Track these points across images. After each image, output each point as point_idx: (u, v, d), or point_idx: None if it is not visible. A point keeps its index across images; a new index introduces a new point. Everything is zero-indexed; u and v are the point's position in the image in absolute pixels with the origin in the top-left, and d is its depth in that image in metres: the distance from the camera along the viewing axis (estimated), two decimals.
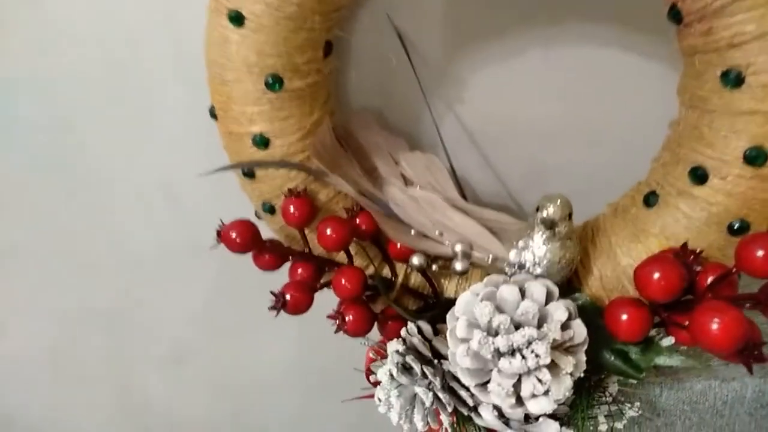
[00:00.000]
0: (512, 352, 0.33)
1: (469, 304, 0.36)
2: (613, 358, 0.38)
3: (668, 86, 0.44)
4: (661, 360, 0.37)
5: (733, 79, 0.33)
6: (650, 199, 0.39)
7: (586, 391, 0.40)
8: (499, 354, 0.33)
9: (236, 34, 0.39)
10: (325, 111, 0.44)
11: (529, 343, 0.32)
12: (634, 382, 0.40)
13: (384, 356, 0.42)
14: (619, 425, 0.40)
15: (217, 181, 0.42)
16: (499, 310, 0.34)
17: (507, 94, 0.50)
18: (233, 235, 0.41)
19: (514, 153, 0.53)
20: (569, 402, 0.37)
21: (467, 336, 0.34)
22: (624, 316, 0.36)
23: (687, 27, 0.34)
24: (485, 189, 0.55)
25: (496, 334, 0.33)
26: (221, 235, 0.41)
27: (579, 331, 0.34)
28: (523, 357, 0.32)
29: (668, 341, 0.37)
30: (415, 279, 0.45)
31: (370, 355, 0.44)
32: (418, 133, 0.52)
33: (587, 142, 0.51)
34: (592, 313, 0.39)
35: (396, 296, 0.44)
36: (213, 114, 0.44)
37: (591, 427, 0.40)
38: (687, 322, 0.35)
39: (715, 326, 0.31)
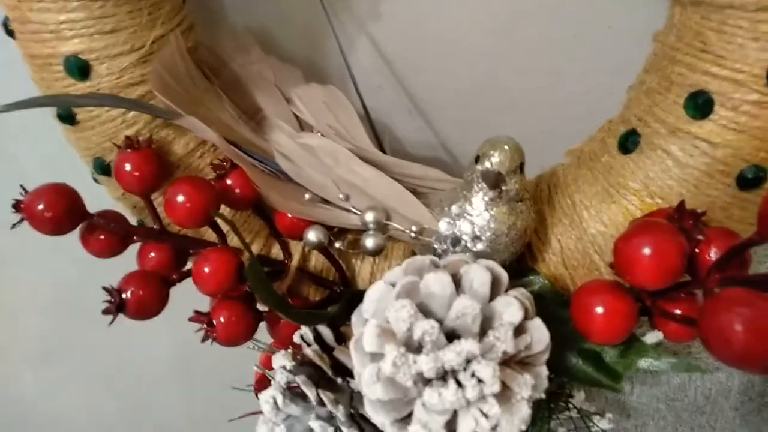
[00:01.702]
0: (443, 377, 0.22)
1: (382, 302, 0.24)
2: (581, 362, 0.28)
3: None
4: (646, 363, 0.27)
5: None
6: (628, 142, 0.28)
7: (544, 402, 0.30)
8: (423, 380, 0.22)
9: None
10: (175, 23, 0.30)
11: (468, 362, 0.21)
12: None
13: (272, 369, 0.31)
14: None
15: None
16: (424, 311, 0.23)
17: (431, 8, 0.38)
18: (40, 206, 0.28)
19: (448, 88, 0.41)
20: None
21: (378, 350, 0.23)
22: (599, 309, 0.25)
23: None
24: (410, 136, 0.44)
25: (419, 348, 0.22)
26: (23, 209, 0.28)
27: (539, 335, 0.24)
28: (459, 384, 0.21)
29: (654, 337, 0.27)
30: (317, 260, 0.33)
31: (255, 368, 0.32)
32: (319, 62, 0.39)
33: (541, 69, 0.40)
34: (552, 302, 0.28)
35: (289, 285, 0.32)
36: (8, 30, 0.30)
37: None
38: (686, 314, 0.25)
39: (739, 328, 0.20)
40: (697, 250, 0.25)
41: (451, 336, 0.22)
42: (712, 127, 0.25)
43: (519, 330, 0.23)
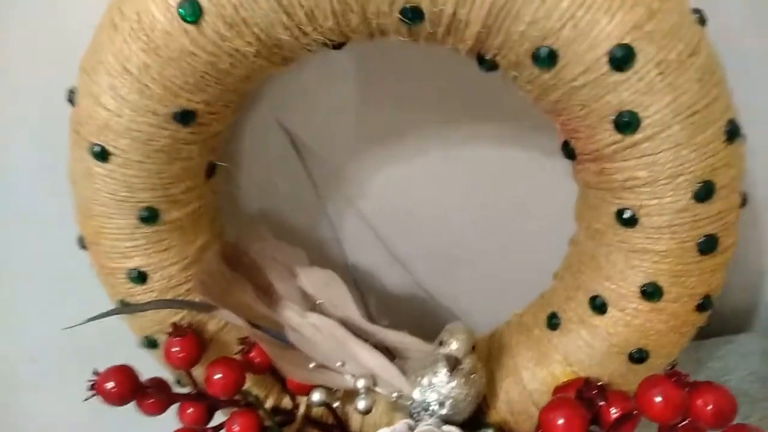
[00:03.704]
0: None
1: None
2: None
3: (570, 185, 0.44)
4: None
5: (627, 219, 0.32)
6: (552, 322, 0.38)
7: None
8: None
9: (101, 169, 0.35)
10: (212, 233, 0.40)
11: None
12: None
13: None
14: None
15: None
16: None
17: (408, 190, 0.49)
18: (110, 386, 0.36)
19: (420, 246, 0.51)
20: None
21: None
22: None
23: (580, 164, 0.33)
24: (393, 281, 0.53)
25: None
26: (95, 388, 0.36)
27: None
28: None
29: None
30: (318, 409, 0.42)
31: None
32: (317, 233, 0.49)
33: (492, 236, 0.50)
34: None
35: (298, 429, 0.41)
36: (82, 244, 0.39)
37: None
38: None
39: None
40: (601, 410, 0.35)
41: None
42: (608, 322, 0.35)
43: None
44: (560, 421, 0.33)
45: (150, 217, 0.36)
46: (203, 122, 0.34)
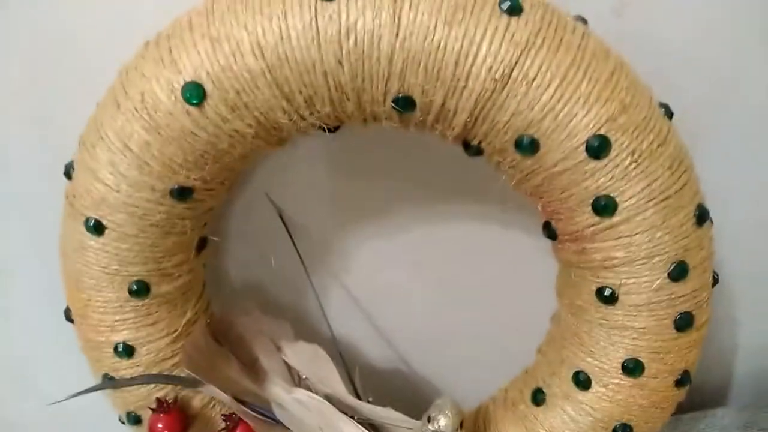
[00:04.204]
0: None
1: None
2: None
3: (548, 259, 0.46)
4: None
5: (607, 297, 0.34)
6: (537, 397, 0.39)
7: None
8: None
9: (95, 242, 0.35)
10: (199, 307, 0.40)
11: None
12: None
13: None
14: None
15: None
16: None
17: (391, 266, 0.50)
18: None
19: (404, 321, 0.52)
20: None
21: None
22: None
23: (561, 244, 0.35)
24: (376, 355, 0.53)
25: None
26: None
27: None
28: None
29: None
30: None
31: None
32: (302, 306, 0.50)
33: (473, 312, 0.51)
34: None
35: None
36: (68, 317, 0.39)
37: None
38: None
39: None
40: None
41: None
42: (591, 397, 0.36)
43: None
44: None
45: (140, 290, 0.36)
46: (199, 198, 0.35)
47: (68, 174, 0.36)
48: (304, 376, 0.43)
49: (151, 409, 0.38)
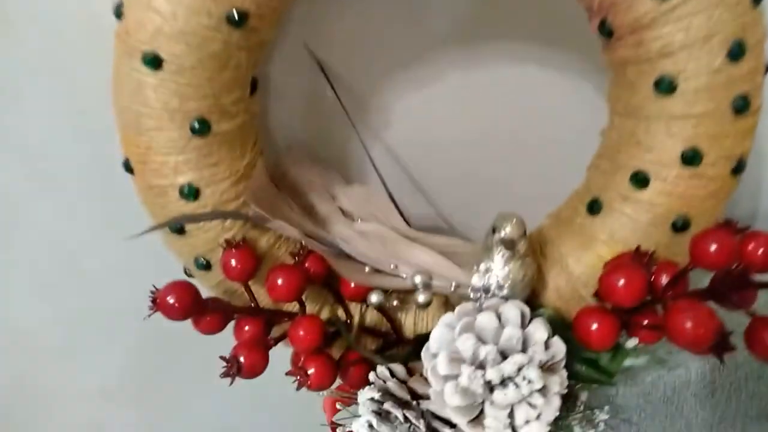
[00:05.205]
0: (503, 382, 0.32)
1: (446, 338, 0.34)
2: (584, 367, 0.38)
3: (586, 96, 0.46)
4: (629, 362, 0.38)
5: (666, 86, 0.34)
6: (594, 207, 0.40)
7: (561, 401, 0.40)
8: (490, 386, 0.32)
9: (153, 78, 0.35)
10: (256, 152, 0.40)
11: (519, 370, 0.32)
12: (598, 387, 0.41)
13: (350, 404, 0.40)
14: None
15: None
16: (481, 340, 0.33)
17: (431, 116, 0.50)
18: (171, 300, 0.36)
19: (443, 174, 0.52)
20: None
21: (452, 372, 0.33)
22: (594, 326, 0.36)
23: (618, 40, 0.35)
24: (416, 212, 0.54)
25: (482, 366, 0.32)
26: (157, 303, 0.36)
27: (559, 347, 0.34)
28: (516, 385, 0.31)
29: (632, 342, 0.38)
30: (371, 317, 0.43)
31: (337, 406, 0.41)
32: (348, 163, 0.50)
33: (513, 157, 0.52)
34: (557, 326, 0.39)
35: (355, 338, 0.41)
36: (128, 168, 0.39)
37: None
38: (652, 322, 0.36)
39: (689, 325, 0.32)
40: (652, 278, 0.37)
41: (503, 355, 0.33)
42: (651, 194, 0.37)
43: (545, 345, 0.34)
44: (621, 282, 0.35)
45: (202, 128, 0.36)
46: (253, 26, 0.35)
47: (118, 13, 0.35)
48: (360, 220, 0.44)
49: (222, 247, 0.38)
